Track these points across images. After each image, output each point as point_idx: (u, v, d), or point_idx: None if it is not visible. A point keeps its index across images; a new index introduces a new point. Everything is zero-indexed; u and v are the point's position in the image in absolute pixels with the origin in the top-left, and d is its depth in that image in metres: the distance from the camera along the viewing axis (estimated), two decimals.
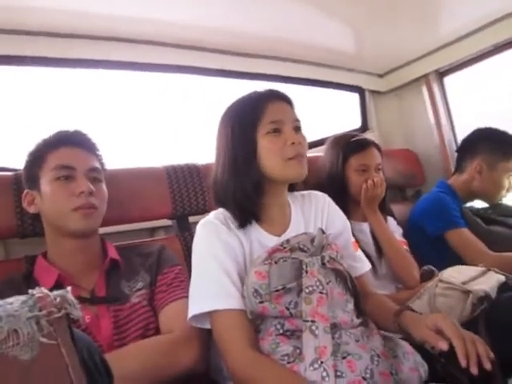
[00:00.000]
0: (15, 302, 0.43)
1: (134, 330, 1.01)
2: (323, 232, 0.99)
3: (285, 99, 1.07)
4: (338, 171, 1.58)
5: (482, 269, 1.29)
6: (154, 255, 1.14)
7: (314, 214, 1.12)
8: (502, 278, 1.25)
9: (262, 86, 1.86)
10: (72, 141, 1.09)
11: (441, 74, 2.21)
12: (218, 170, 1.06)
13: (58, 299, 0.44)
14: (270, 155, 1.00)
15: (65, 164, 1.05)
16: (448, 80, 2.21)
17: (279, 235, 1.04)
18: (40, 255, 1.10)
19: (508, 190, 1.75)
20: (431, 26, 1.89)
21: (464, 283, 1.22)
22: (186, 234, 1.43)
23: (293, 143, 1.00)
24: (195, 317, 0.95)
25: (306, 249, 0.94)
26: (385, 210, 1.65)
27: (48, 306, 0.42)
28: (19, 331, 0.41)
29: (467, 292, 1.20)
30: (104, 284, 1.05)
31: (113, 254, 1.11)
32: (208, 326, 0.95)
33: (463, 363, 0.79)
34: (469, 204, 1.84)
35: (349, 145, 1.59)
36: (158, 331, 1.03)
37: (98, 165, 1.12)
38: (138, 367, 0.89)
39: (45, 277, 1.02)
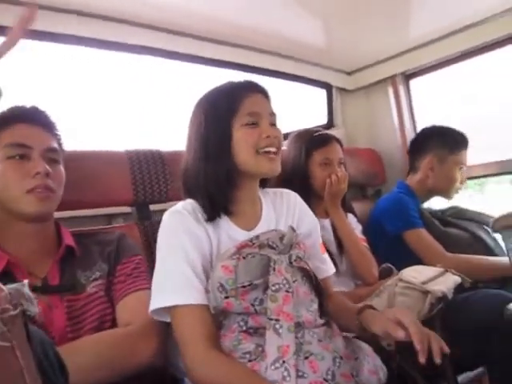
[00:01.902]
0: None
1: (88, 322, 0.95)
2: (294, 230, 0.97)
3: (262, 92, 1.05)
4: (301, 166, 1.58)
5: (440, 269, 1.33)
6: (113, 244, 1.08)
7: (286, 211, 1.10)
8: (458, 280, 1.30)
9: (228, 74, 1.82)
10: (29, 118, 1.01)
11: (407, 76, 2.26)
12: (189, 159, 1.03)
13: (14, 294, 0.39)
14: (244, 147, 0.98)
15: (20, 142, 0.97)
16: (414, 82, 2.26)
17: (249, 230, 1.02)
18: None
19: (461, 183, 1.80)
20: (402, 28, 1.92)
21: (423, 283, 1.25)
22: (146, 222, 1.38)
23: (268, 136, 0.98)
24: (156, 309, 0.91)
25: (274, 246, 0.92)
26: (345, 207, 1.67)
27: (2, 302, 0.38)
28: None
29: (426, 292, 1.23)
30: (58, 272, 0.99)
31: (69, 240, 1.04)
32: (168, 320, 0.92)
33: (418, 347, 0.80)
34: (426, 204, 1.90)
35: (312, 139, 1.59)
36: (114, 324, 0.99)
37: (56, 145, 1.04)
38: (94, 361, 0.85)
39: None
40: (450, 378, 1.20)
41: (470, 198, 2.58)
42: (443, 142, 1.80)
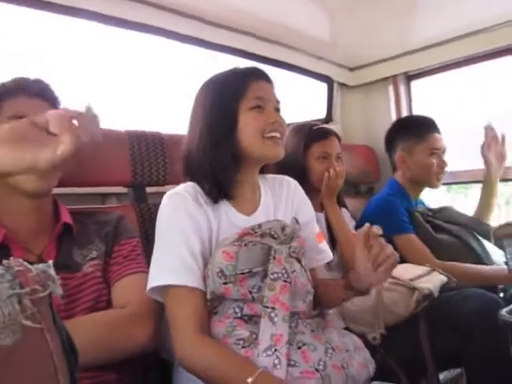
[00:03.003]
0: None
1: (83, 302, 0.95)
2: (297, 222, 0.98)
3: (268, 79, 1.06)
4: (299, 159, 1.57)
5: (427, 268, 1.36)
6: (111, 224, 1.07)
7: (285, 199, 1.11)
8: (445, 279, 1.33)
9: (230, 60, 1.80)
10: (33, 90, 0.98)
11: (409, 76, 2.27)
12: (193, 141, 1.02)
13: (41, 275, 0.38)
14: (250, 131, 0.98)
15: (22, 115, 0.94)
16: (415, 84, 2.27)
17: (249, 215, 1.03)
18: None
19: (440, 167, 1.77)
20: (407, 29, 1.92)
21: (411, 280, 1.27)
22: (142, 204, 1.37)
23: (274, 122, 0.99)
24: (153, 289, 0.92)
25: (276, 236, 0.93)
26: (340, 202, 1.68)
27: (30, 282, 0.37)
28: None
29: (413, 289, 1.26)
30: (54, 249, 0.98)
31: (66, 218, 1.03)
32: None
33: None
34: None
35: (311, 133, 1.59)
36: (109, 304, 0.98)
37: None
38: (92, 342, 0.85)
39: None
40: (432, 375, 1.23)
41: (453, 201, 2.62)
42: (408, 133, 1.82)
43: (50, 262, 0.42)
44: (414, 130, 1.81)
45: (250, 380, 0.77)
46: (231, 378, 0.81)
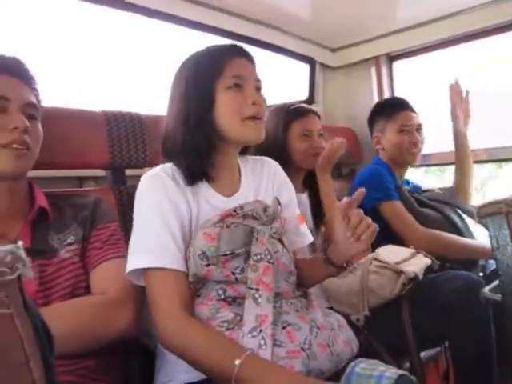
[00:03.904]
0: None
1: (61, 288, 0.91)
2: (279, 203, 0.97)
3: (248, 57, 1.01)
4: (280, 139, 1.55)
5: (412, 250, 1.36)
6: (88, 208, 1.03)
7: (266, 180, 1.09)
8: (429, 261, 1.34)
9: (211, 39, 1.76)
10: (8, 69, 0.93)
11: (391, 57, 2.26)
12: (170, 121, 0.99)
13: (9, 257, 0.36)
14: (227, 111, 0.95)
15: (3, 95, 0.90)
16: (397, 65, 2.26)
17: (229, 196, 1.01)
18: None
19: (412, 143, 1.77)
20: (389, 9, 1.91)
21: (397, 264, 1.28)
22: (121, 187, 1.33)
23: (254, 102, 0.95)
24: (133, 272, 0.89)
25: (258, 217, 0.92)
26: (317, 182, 1.66)
27: None
28: None
29: (399, 272, 1.26)
30: (29, 234, 0.94)
31: (42, 201, 0.98)
32: (144, 283, 0.90)
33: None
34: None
35: (290, 112, 1.57)
36: (87, 291, 0.95)
37: (35, 100, 0.98)
38: (69, 328, 0.82)
39: None
40: (414, 355, 1.25)
41: (430, 184, 2.64)
42: (379, 115, 1.86)
43: (20, 242, 0.39)
44: (385, 111, 1.85)
45: (237, 362, 0.76)
46: (217, 359, 0.79)
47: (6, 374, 0.34)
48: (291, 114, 1.57)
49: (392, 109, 1.83)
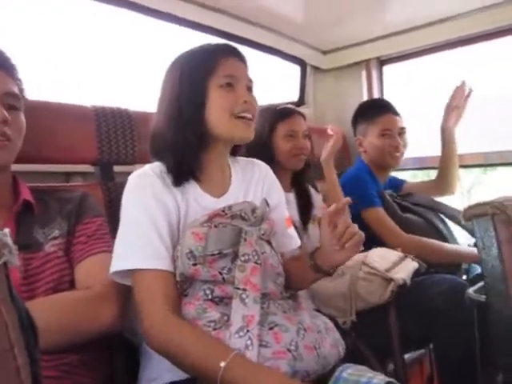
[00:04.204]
0: None
1: (45, 282, 0.90)
2: (267, 204, 0.96)
3: (240, 56, 1.02)
4: (265, 140, 1.55)
5: (400, 254, 1.37)
6: (74, 202, 1.02)
7: (256, 182, 1.09)
8: (416, 265, 1.35)
9: (202, 38, 1.75)
10: None
11: (382, 61, 2.27)
12: (160, 119, 0.98)
13: None
14: (218, 110, 0.95)
15: None
16: (388, 69, 2.28)
17: (218, 197, 1.00)
18: None
19: (394, 146, 1.77)
20: (380, 13, 1.92)
21: (387, 270, 1.29)
22: (109, 183, 1.31)
23: (245, 101, 0.96)
24: (118, 272, 0.88)
25: (246, 218, 0.91)
26: (308, 181, 1.66)
27: None
28: None
29: (389, 279, 1.27)
30: (14, 228, 0.92)
31: (26, 195, 0.97)
32: (128, 283, 0.90)
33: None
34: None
35: (275, 113, 1.58)
36: (72, 285, 0.94)
37: (16, 90, 0.95)
38: (53, 322, 0.81)
39: None
40: (398, 357, 1.26)
41: None
42: (361, 118, 1.87)
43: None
44: (367, 114, 1.86)
45: (222, 364, 0.76)
46: (203, 359, 0.78)
47: None
48: (277, 114, 1.57)
49: (374, 111, 1.83)
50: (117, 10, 1.61)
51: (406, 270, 1.32)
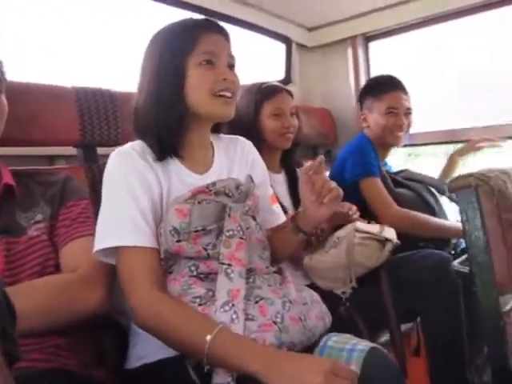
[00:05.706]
0: None
1: (29, 267, 0.89)
2: (252, 180, 0.96)
3: (222, 32, 0.99)
4: (252, 118, 1.51)
5: (378, 225, 1.38)
6: (57, 185, 1.01)
7: (239, 159, 1.09)
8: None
9: (185, 16, 1.72)
10: None
11: (367, 38, 2.25)
12: (141, 98, 0.97)
13: None
14: (198, 88, 0.93)
15: None
16: (374, 45, 2.26)
17: (201, 174, 1.00)
18: None
19: (398, 125, 1.75)
20: None
21: (379, 233, 1.30)
22: (93, 165, 1.30)
23: (225, 79, 0.94)
24: (101, 251, 0.88)
25: (230, 194, 0.91)
26: (293, 161, 1.65)
27: None
28: None
29: (383, 241, 1.29)
30: None
31: (8, 179, 0.95)
32: (113, 262, 0.90)
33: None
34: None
35: (262, 91, 1.54)
36: (57, 269, 0.93)
37: None
38: (39, 305, 0.81)
39: None
40: (394, 326, 1.28)
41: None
42: (368, 93, 1.84)
43: None
44: (374, 90, 1.82)
45: (208, 338, 0.76)
46: (189, 334, 0.79)
47: None
48: (263, 92, 1.53)
49: (382, 88, 1.79)
50: None
51: (392, 233, 1.34)
